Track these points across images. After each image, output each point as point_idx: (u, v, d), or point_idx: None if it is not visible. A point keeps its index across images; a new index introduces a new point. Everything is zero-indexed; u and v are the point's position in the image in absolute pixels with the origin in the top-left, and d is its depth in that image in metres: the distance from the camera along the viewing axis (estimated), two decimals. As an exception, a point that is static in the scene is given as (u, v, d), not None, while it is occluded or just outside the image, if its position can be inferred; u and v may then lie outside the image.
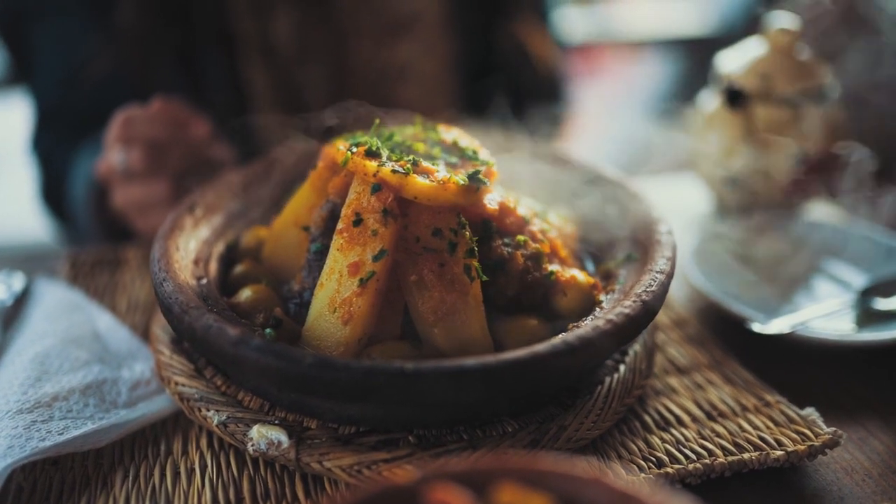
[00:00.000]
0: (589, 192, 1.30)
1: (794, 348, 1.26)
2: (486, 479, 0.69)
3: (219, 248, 1.23)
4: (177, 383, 1.09)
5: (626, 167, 1.55)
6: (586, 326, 0.94)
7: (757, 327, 1.21)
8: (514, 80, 1.97)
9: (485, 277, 1.02)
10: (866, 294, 1.35)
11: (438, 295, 0.99)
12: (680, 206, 1.76)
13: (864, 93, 1.75)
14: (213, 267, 1.18)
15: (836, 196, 1.66)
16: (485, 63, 2.12)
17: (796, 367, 1.24)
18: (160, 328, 1.20)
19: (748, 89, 1.56)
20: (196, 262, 1.15)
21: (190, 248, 1.17)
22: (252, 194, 1.34)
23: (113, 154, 1.48)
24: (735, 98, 1.55)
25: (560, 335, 0.94)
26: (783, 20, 1.61)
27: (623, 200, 1.25)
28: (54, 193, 1.91)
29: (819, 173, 1.60)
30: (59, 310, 1.31)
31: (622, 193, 1.27)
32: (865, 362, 1.25)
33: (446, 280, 0.99)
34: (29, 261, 1.59)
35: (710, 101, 1.67)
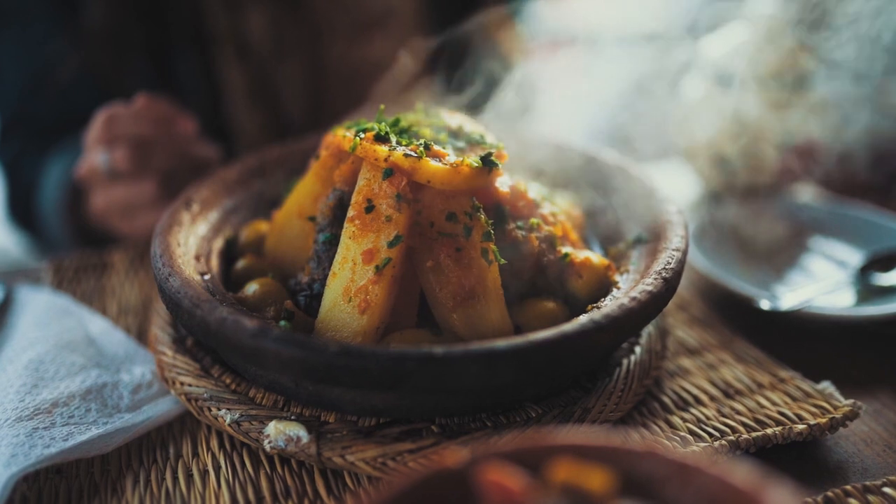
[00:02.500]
0: (591, 175, 1.29)
1: (798, 325, 1.27)
2: (538, 456, 0.67)
3: (218, 243, 1.20)
4: (182, 384, 1.05)
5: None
6: (612, 305, 0.92)
7: (766, 305, 1.21)
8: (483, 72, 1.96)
9: (503, 261, 1.00)
10: (865, 270, 1.36)
11: (457, 280, 0.97)
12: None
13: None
14: (215, 263, 1.15)
15: (822, 178, 1.68)
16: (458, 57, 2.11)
17: (803, 344, 1.24)
18: (159, 329, 1.16)
19: (738, 74, 1.57)
20: (197, 258, 1.11)
21: (190, 244, 1.13)
22: (247, 189, 1.31)
23: (95, 154, 1.43)
24: (727, 82, 1.56)
25: (587, 315, 0.92)
26: (768, 5, 1.62)
27: (627, 182, 1.25)
28: (21, 203, 1.84)
29: (806, 156, 1.61)
30: (49, 315, 1.26)
31: (625, 176, 1.26)
32: (870, 336, 1.26)
33: (464, 264, 0.97)
34: (6, 274, 1.53)
35: (696, 87, 1.68)
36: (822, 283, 1.31)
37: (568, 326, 0.88)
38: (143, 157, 1.41)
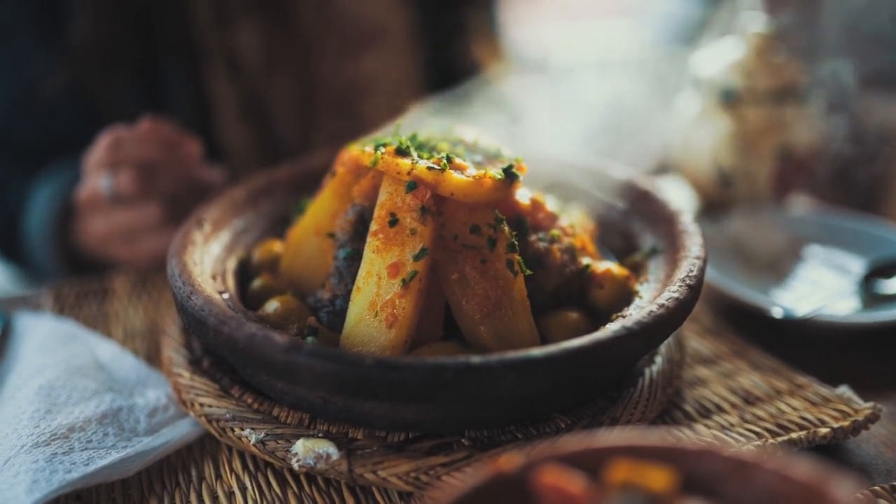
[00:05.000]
0: (599, 189, 1.30)
1: (806, 334, 1.29)
2: (595, 459, 0.67)
3: (231, 263, 1.19)
4: (202, 405, 1.03)
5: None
6: (642, 312, 0.93)
7: (779, 314, 1.23)
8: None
9: (528, 271, 1.00)
10: (869, 278, 1.38)
11: (483, 291, 0.97)
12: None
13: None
14: (231, 282, 1.13)
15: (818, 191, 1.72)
16: (447, 76, 2.12)
17: (811, 352, 1.25)
18: (173, 351, 1.15)
19: (734, 89, 1.60)
20: (213, 277, 1.10)
21: (205, 263, 1.12)
22: (256, 209, 1.30)
23: (97, 178, 1.41)
24: (728, 97, 1.59)
25: (618, 322, 0.93)
26: (759, 22, 1.66)
27: (636, 195, 1.26)
28: (5, 230, 1.79)
29: (801, 169, 1.65)
30: (54, 341, 1.23)
31: (634, 189, 1.27)
32: (877, 342, 1.28)
33: (490, 276, 0.97)
34: (4, 301, 1.50)
35: (691, 102, 1.71)
36: (827, 292, 1.33)
37: (601, 334, 0.89)
38: (147, 180, 1.39)
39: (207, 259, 1.14)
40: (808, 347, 1.27)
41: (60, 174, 1.65)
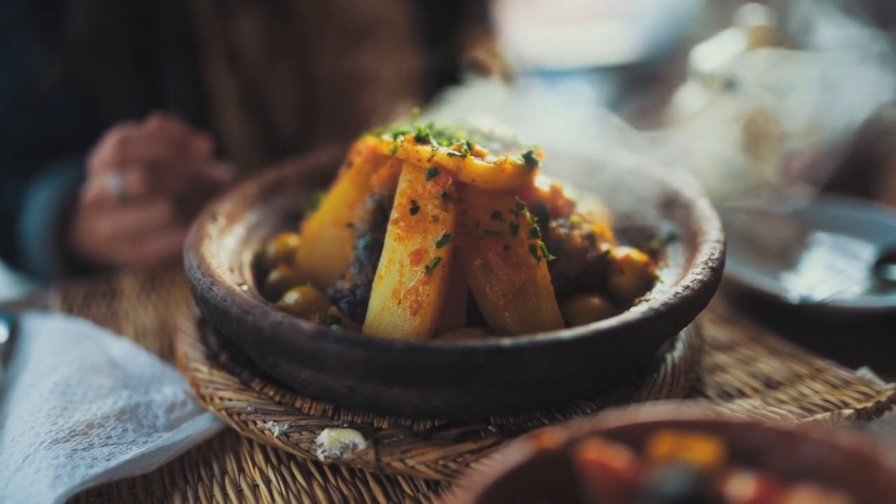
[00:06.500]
0: (612, 178, 1.30)
1: (819, 319, 1.29)
2: (638, 433, 0.66)
3: (246, 256, 1.18)
4: (223, 399, 1.02)
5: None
6: (668, 294, 0.93)
7: (794, 300, 1.23)
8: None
9: (551, 257, 1.00)
10: (879, 264, 1.39)
11: (507, 278, 0.96)
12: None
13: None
14: (248, 275, 1.12)
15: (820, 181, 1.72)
16: (446, 70, 2.12)
17: (825, 337, 1.25)
18: (188, 346, 1.13)
19: (740, 80, 1.61)
20: (231, 269, 1.09)
21: (221, 256, 1.11)
22: (267, 204, 1.29)
23: (105, 177, 1.39)
24: (733, 88, 1.60)
25: (645, 304, 0.93)
26: (760, 16, 1.67)
27: (649, 184, 1.26)
28: (2, 232, 1.74)
29: (808, 160, 1.66)
30: (66, 340, 1.22)
31: (647, 178, 1.27)
32: (889, 326, 1.29)
33: (513, 262, 0.97)
34: (11, 303, 1.48)
35: (694, 96, 1.71)
36: (839, 278, 1.34)
37: (629, 316, 0.89)
38: (156, 179, 1.38)
39: (223, 252, 1.13)
40: (821, 333, 1.27)
41: (59, 175, 1.62)
